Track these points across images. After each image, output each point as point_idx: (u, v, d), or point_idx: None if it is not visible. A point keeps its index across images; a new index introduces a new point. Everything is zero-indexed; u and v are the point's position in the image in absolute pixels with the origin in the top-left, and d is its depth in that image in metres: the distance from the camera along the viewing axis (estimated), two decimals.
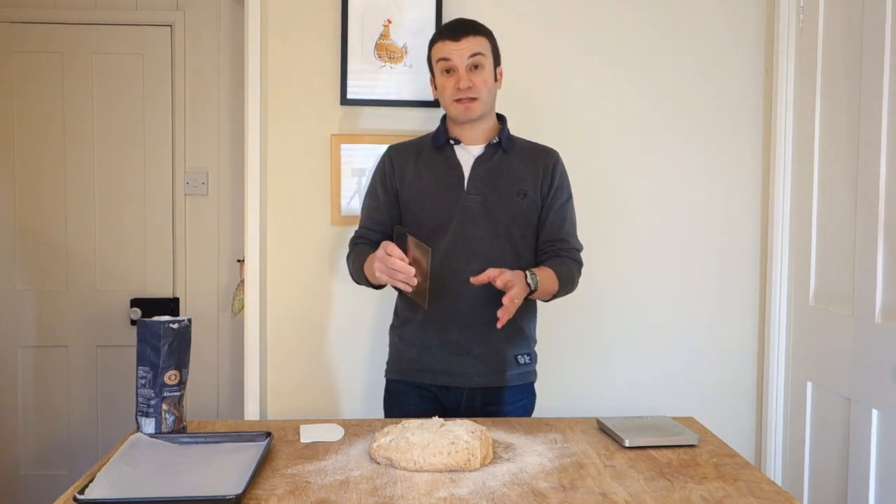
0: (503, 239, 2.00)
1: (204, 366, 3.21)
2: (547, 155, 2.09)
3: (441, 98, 2.04)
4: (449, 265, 1.97)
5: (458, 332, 1.99)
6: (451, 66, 1.98)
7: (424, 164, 2.06)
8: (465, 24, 2.03)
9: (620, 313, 2.50)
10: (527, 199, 2.01)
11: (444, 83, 2.00)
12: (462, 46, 1.97)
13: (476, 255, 1.97)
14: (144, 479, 1.44)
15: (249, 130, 2.39)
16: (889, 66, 1.94)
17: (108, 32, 3.16)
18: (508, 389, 2.03)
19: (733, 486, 1.47)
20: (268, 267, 2.43)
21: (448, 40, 1.99)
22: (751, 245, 2.52)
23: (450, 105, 2.01)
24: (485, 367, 2.00)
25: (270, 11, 2.39)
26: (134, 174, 3.20)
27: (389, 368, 2.12)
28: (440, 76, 2.02)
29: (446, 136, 2.06)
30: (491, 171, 2.02)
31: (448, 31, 2.02)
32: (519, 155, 2.06)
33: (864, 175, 2.03)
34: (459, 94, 1.97)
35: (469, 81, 1.96)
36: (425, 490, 1.41)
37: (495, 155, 2.04)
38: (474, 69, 1.98)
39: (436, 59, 2.02)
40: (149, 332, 1.67)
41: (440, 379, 2.01)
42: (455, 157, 2.04)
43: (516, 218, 2.01)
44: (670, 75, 2.48)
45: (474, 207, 1.99)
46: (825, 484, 2.23)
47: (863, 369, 2.04)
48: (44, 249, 3.19)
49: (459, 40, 1.98)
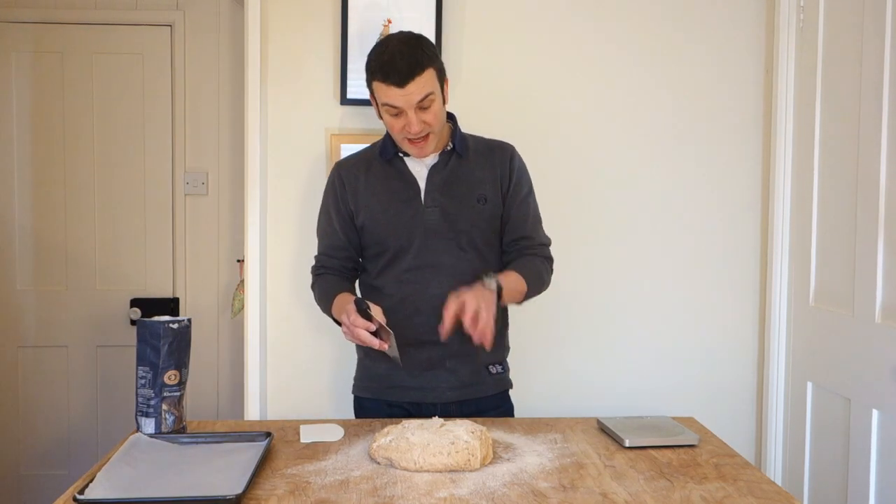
0: (467, 249, 1.92)
1: (204, 366, 3.21)
2: (502, 151, 1.99)
3: (390, 130, 1.88)
4: (415, 281, 1.91)
5: (430, 349, 1.90)
6: (398, 111, 1.80)
7: (377, 179, 1.94)
8: (409, 64, 1.77)
9: (620, 313, 2.50)
10: (487, 203, 1.93)
11: (392, 122, 1.83)
12: (409, 91, 1.77)
13: (442, 268, 1.90)
14: (144, 479, 1.44)
15: (249, 130, 2.39)
16: (889, 66, 1.94)
17: (108, 32, 3.16)
18: (483, 400, 1.97)
19: (733, 486, 1.47)
20: (268, 267, 2.43)
21: (392, 86, 1.77)
22: (751, 245, 2.52)
23: (401, 141, 1.87)
24: (458, 380, 1.93)
25: (270, 11, 2.39)
26: (134, 174, 3.20)
27: (358, 385, 2.05)
28: (385, 114, 1.84)
29: (395, 149, 1.94)
30: (447, 179, 1.92)
31: (389, 74, 1.77)
32: (474, 157, 1.95)
33: (864, 175, 2.03)
34: (410, 135, 1.83)
35: (420, 124, 1.80)
36: (425, 490, 1.41)
37: (450, 161, 1.93)
38: (423, 109, 1.80)
39: (380, 100, 1.82)
40: (149, 332, 1.67)
41: (412, 395, 1.94)
42: (408, 170, 1.93)
43: (478, 225, 1.93)
44: (670, 76, 2.48)
45: (434, 221, 1.90)
46: (825, 484, 2.23)
47: (863, 369, 2.04)
48: (44, 249, 3.19)
49: (405, 86, 1.77)
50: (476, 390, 1.97)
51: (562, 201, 2.43)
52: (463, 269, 1.91)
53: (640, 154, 2.49)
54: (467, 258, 1.93)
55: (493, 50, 2.41)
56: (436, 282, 1.90)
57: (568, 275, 2.37)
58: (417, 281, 1.92)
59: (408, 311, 1.91)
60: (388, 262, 1.95)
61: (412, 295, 1.91)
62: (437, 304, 1.87)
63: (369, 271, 2.01)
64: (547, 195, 2.15)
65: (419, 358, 1.91)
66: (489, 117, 2.33)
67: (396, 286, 1.93)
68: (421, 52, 1.80)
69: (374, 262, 1.98)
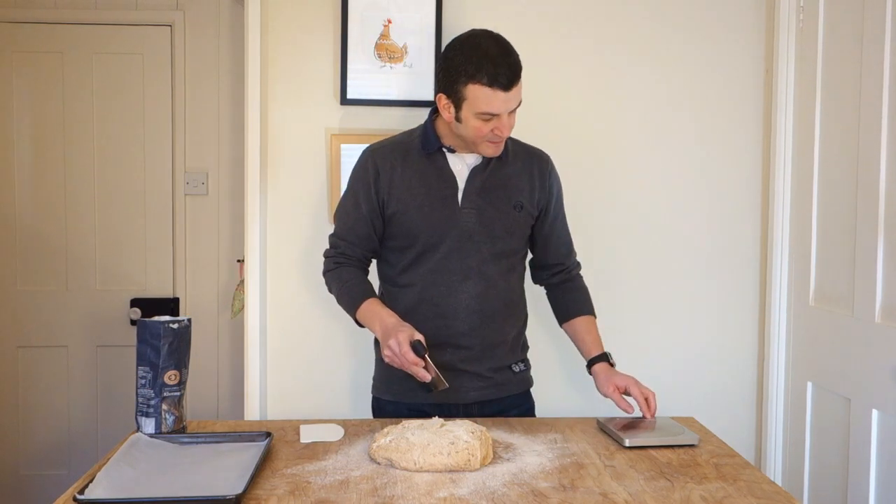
0: (498, 255, 1.91)
1: (204, 366, 3.21)
2: (541, 161, 1.99)
3: (466, 132, 1.82)
4: (442, 283, 1.89)
5: (452, 353, 1.89)
6: (492, 116, 1.77)
7: (413, 171, 1.89)
8: (511, 69, 1.75)
9: (620, 313, 2.49)
10: (523, 211, 1.91)
11: (480, 126, 1.78)
12: (511, 96, 1.75)
13: (472, 273, 1.89)
14: (144, 479, 1.44)
15: (249, 130, 2.39)
16: (889, 65, 1.94)
17: (108, 32, 3.16)
18: (506, 399, 1.97)
19: (733, 486, 1.47)
20: (268, 267, 2.43)
21: (499, 90, 1.73)
22: (751, 245, 2.52)
23: (479, 143, 1.82)
24: (482, 381, 1.92)
25: (270, 11, 2.39)
26: (134, 174, 3.20)
27: (378, 387, 2.01)
28: (474, 118, 1.77)
29: (438, 143, 1.89)
30: (486, 182, 1.90)
31: (498, 79, 1.73)
32: (513, 162, 1.94)
33: (864, 175, 2.03)
34: (496, 138, 1.81)
35: (510, 129, 1.81)
36: (425, 490, 1.41)
37: (490, 164, 1.90)
38: (512, 112, 1.80)
39: (476, 106, 1.75)
40: (149, 332, 1.67)
41: (435, 397, 1.88)
42: (448, 167, 1.89)
43: (513, 233, 1.92)
44: (670, 75, 2.48)
45: (470, 224, 1.87)
46: (825, 484, 2.23)
47: (863, 369, 2.04)
48: (44, 249, 3.19)
49: (510, 90, 1.74)
50: (500, 390, 1.95)
51: None
52: (491, 275, 1.90)
53: (638, 154, 2.49)
54: (497, 264, 1.91)
55: None
56: (463, 286, 1.89)
57: None
58: (444, 283, 1.89)
59: (431, 313, 1.89)
60: (414, 259, 1.91)
61: (437, 297, 1.89)
62: (461, 309, 1.89)
63: (392, 264, 1.96)
64: None
65: (441, 360, 1.86)
66: None
67: (421, 285, 1.90)
68: (515, 53, 1.79)
69: (399, 255, 1.93)
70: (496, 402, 1.95)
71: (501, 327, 1.93)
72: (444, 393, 1.86)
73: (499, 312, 1.93)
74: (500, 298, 1.93)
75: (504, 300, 1.94)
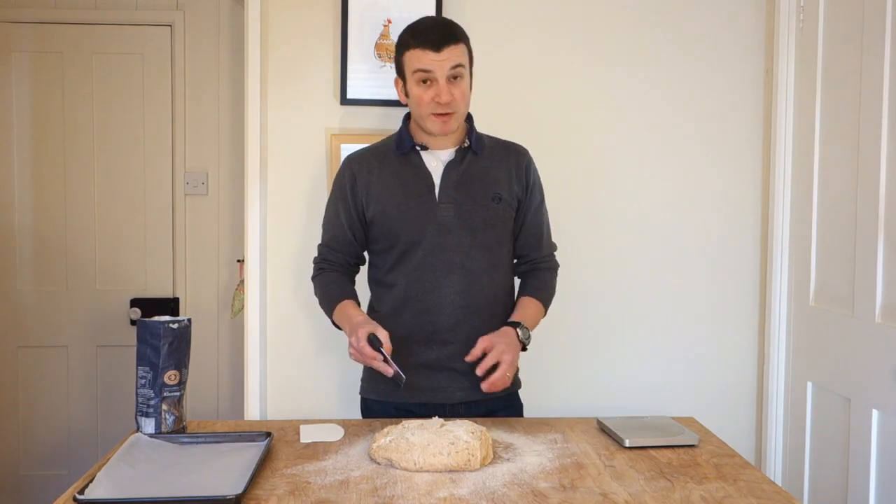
0: (480, 248, 1.91)
1: (204, 366, 3.21)
2: (518, 154, 2.00)
3: (414, 108, 1.89)
4: (426, 279, 1.90)
5: (438, 349, 1.90)
6: (429, 78, 1.83)
7: (390, 173, 1.93)
8: (445, 32, 1.84)
9: (620, 314, 2.50)
10: (502, 203, 1.92)
11: (421, 94, 1.84)
12: (443, 57, 1.81)
13: (455, 268, 1.89)
14: (144, 479, 1.44)
15: (249, 130, 2.39)
16: (889, 65, 1.94)
17: (108, 32, 3.16)
18: (493, 401, 1.95)
19: (733, 486, 1.47)
20: (268, 267, 2.43)
21: (428, 50, 1.81)
22: (751, 245, 2.52)
23: (425, 118, 1.86)
24: (468, 381, 1.88)
25: (270, 11, 2.39)
26: (134, 174, 3.20)
27: (365, 387, 2.02)
28: (415, 86, 1.85)
29: (412, 142, 1.93)
30: (462, 176, 1.91)
31: (428, 39, 1.82)
32: (489, 156, 1.95)
33: (864, 175, 2.03)
34: (439, 108, 1.83)
35: (450, 95, 1.82)
36: (425, 490, 1.41)
37: (465, 158, 1.92)
38: (453, 80, 1.84)
39: (412, 68, 1.84)
40: (149, 332, 1.67)
41: (420, 396, 1.90)
42: (423, 165, 1.92)
43: (493, 225, 1.92)
44: (670, 76, 2.48)
45: (448, 218, 1.89)
46: (825, 484, 2.23)
47: (863, 369, 2.04)
48: (44, 249, 3.19)
49: (441, 51, 1.81)
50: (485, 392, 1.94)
51: (560, 202, 2.42)
52: (474, 269, 1.91)
53: (639, 154, 2.49)
54: (478, 257, 1.92)
55: (493, 50, 2.40)
56: (447, 280, 1.89)
57: (567, 276, 2.37)
58: (428, 279, 1.90)
59: (417, 310, 1.90)
60: (398, 258, 1.93)
61: (422, 293, 1.90)
62: (446, 304, 1.89)
63: (378, 266, 1.99)
64: (546, 196, 2.15)
65: (427, 358, 1.90)
66: (489, 118, 2.32)
67: (406, 283, 1.92)
68: (456, 27, 1.88)
69: (384, 256, 1.96)
70: (483, 402, 1.94)
71: (487, 322, 1.91)
72: (431, 393, 1.90)
73: (483, 308, 1.93)
74: (484, 294, 1.93)
75: (489, 296, 1.94)
